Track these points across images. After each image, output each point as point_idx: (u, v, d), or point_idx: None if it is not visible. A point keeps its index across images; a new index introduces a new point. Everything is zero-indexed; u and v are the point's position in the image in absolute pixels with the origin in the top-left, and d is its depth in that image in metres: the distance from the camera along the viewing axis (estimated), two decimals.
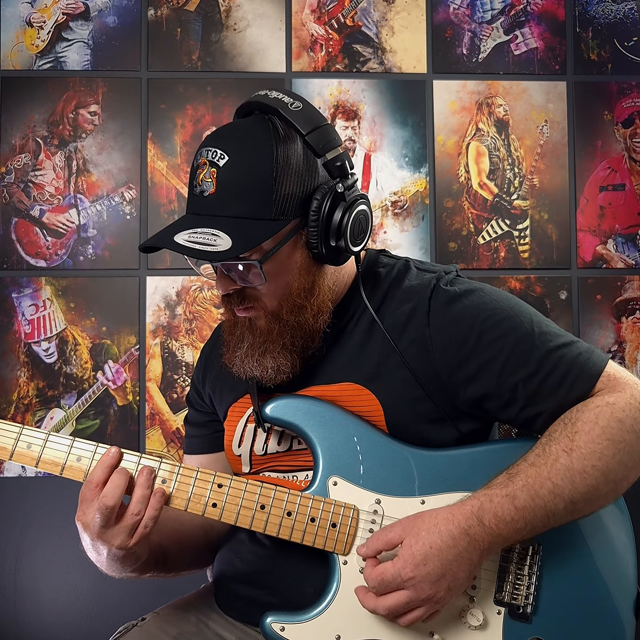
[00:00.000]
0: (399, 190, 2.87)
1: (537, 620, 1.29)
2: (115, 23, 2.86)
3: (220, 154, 1.27)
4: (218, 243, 1.24)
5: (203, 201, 1.29)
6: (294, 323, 1.35)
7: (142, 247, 1.32)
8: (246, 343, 1.36)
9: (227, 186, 1.27)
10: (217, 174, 1.27)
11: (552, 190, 2.90)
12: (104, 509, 1.24)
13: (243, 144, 1.29)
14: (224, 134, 1.33)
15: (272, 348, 1.35)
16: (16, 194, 2.79)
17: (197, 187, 1.29)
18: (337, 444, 1.33)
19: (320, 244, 1.32)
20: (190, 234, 1.26)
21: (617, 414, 1.25)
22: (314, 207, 1.30)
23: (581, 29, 2.95)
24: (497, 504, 1.21)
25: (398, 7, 2.92)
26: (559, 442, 1.25)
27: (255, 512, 1.30)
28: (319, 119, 1.32)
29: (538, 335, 1.33)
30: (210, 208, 1.28)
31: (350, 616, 1.27)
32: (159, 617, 1.47)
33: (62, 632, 2.72)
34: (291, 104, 1.32)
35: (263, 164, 1.27)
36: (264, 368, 1.36)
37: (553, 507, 1.22)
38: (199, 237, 1.25)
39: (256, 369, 1.36)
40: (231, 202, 1.27)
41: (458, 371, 1.34)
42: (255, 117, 1.34)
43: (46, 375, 2.76)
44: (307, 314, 1.35)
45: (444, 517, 1.22)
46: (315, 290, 1.36)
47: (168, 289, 2.80)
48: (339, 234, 1.32)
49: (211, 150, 1.28)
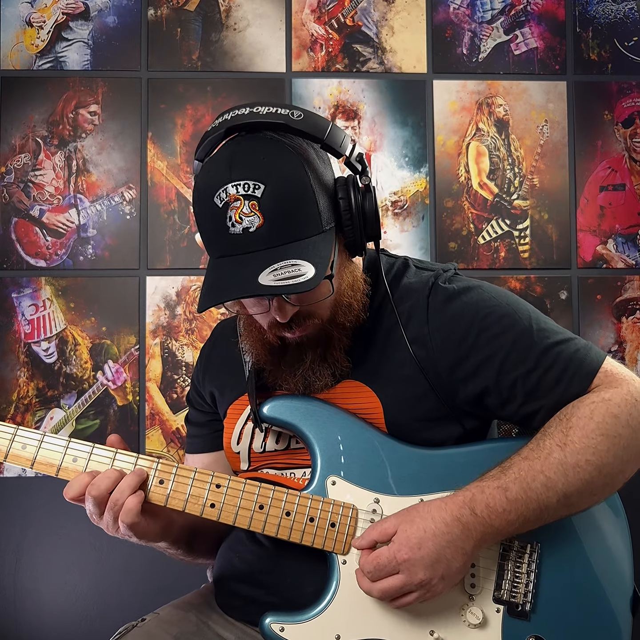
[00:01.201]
0: (399, 190, 2.87)
1: (536, 618, 1.29)
2: (115, 23, 2.86)
3: (255, 185, 1.22)
4: (303, 271, 1.20)
5: (250, 237, 1.22)
6: (348, 323, 1.36)
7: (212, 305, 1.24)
8: (308, 358, 1.36)
9: (276, 214, 1.22)
10: (260, 206, 1.21)
11: (552, 190, 2.90)
12: (89, 498, 1.27)
13: (273, 168, 1.24)
14: (243, 163, 1.25)
15: (333, 353, 1.36)
16: (16, 194, 2.79)
17: (235, 225, 1.22)
18: (335, 444, 1.34)
19: (359, 239, 1.31)
20: (271, 272, 1.20)
21: (612, 409, 1.26)
22: (344, 207, 1.29)
23: (581, 29, 2.94)
24: (489, 495, 1.22)
25: (398, 7, 2.91)
26: (553, 437, 1.26)
27: (254, 513, 1.30)
28: (325, 121, 1.30)
29: (536, 332, 1.33)
30: (264, 241, 1.22)
31: (350, 616, 1.28)
32: (159, 617, 1.47)
33: (62, 632, 2.71)
34: (291, 114, 1.28)
35: (300, 182, 1.24)
36: (323, 376, 1.36)
37: (546, 500, 1.23)
38: (282, 272, 1.20)
39: (319, 379, 1.37)
40: (286, 229, 1.23)
41: (457, 368, 1.35)
42: (254, 137, 1.29)
43: (46, 375, 2.76)
44: (356, 311, 1.36)
45: (437, 506, 1.23)
46: (355, 285, 1.37)
47: (168, 289, 2.80)
48: (373, 223, 1.32)
49: (240, 184, 1.22)
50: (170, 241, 2.80)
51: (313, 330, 1.34)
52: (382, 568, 1.21)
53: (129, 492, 1.27)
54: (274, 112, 1.28)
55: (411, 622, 1.27)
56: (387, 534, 1.23)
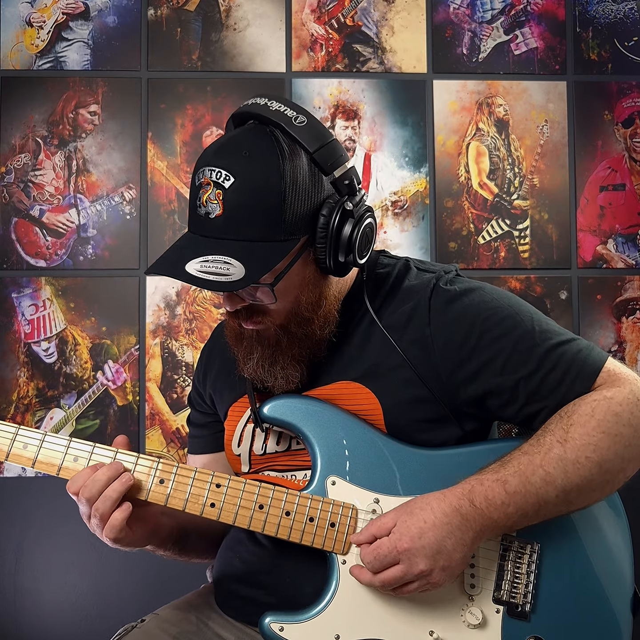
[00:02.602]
0: (399, 190, 2.87)
1: (536, 618, 1.29)
2: (115, 23, 2.86)
3: (226, 175, 1.23)
4: (231, 272, 1.21)
5: (209, 223, 1.25)
6: (302, 335, 1.35)
7: (149, 272, 1.28)
8: (256, 354, 1.36)
9: (235, 209, 1.23)
10: (224, 197, 1.23)
11: (552, 190, 2.90)
12: (82, 500, 1.27)
13: (249, 164, 1.24)
14: (227, 151, 1.27)
15: (281, 359, 1.36)
16: (16, 193, 2.79)
17: (201, 207, 1.25)
18: (335, 444, 1.33)
19: (329, 260, 1.31)
20: (201, 262, 1.22)
21: (614, 407, 1.26)
22: (321, 223, 1.29)
23: (581, 29, 2.95)
24: (488, 487, 1.23)
25: (398, 6, 2.91)
26: (554, 433, 1.26)
27: (254, 512, 1.30)
28: (325, 135, 1.29)
29: (538, 333, 1.33)
30: (218, 231, 1.24)
31: (350, 616, 1.27)
32: (159, 617, 1.47)
33: (62, 632, 2.71)
34: (295, 118, 1.27)
35: (272, 185, 1.24)
36: (274, 377, 1.37)
37: (545, 494, 1.23)
38: (211, 266, 1.22)
39: (268, 379, 1.37)
40: (240, 226, 1.24)
41: (459, 370, 1.34)
42: (257, 130, 1.29)
43: (46, 375, 2.76)
44: (315, 326, 1.35)
45: (436, 497, 1.23)
46: (322, 302, 1.36)
47: (168, 289, 2.80)
48: (348, 250, 1.31)
49: (215, 171, 1.24)
50: (170, 241, 2.79)
51: (265, 329, 1.35)
52: (382, 558, 1.21)
53: (110, 503, 1.26)
54: (282, 111, 1.28)
55: (411, 622, 1.27)
56: (386, 528, 1.23)
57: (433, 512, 1.21)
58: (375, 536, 1.24)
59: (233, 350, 1.42)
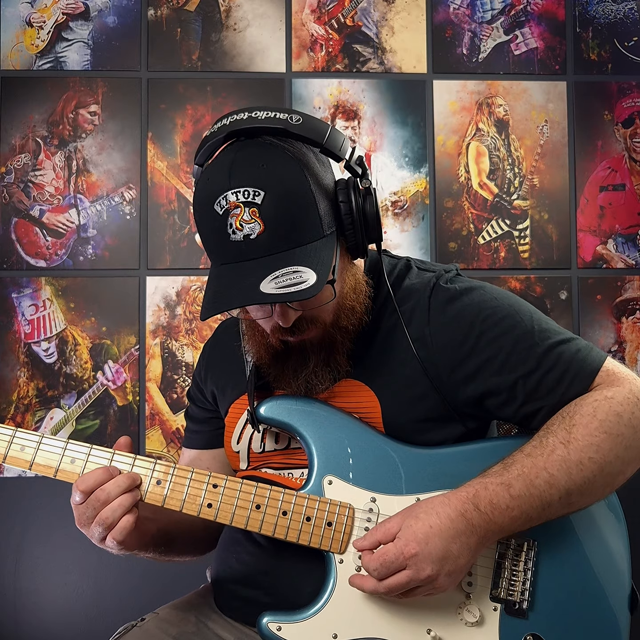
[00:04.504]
0: (399, 190, 2.87)
1: (534, 616, 1.29)
2: (115, 23, 2.86)
3: (254, 192, 1.21)
4: (304, 278, 1.20)
5: (251, 244, 1.22)
6: (351, 326, 1.35)
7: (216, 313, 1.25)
8: (311, 363, 1.35)
9: (276, 221, 1.22)
10: (260, 212, 1.21)
11: (552, 190, 2.90)
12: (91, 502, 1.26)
13: (272, 173, 1.23)
14: (242, 170, 1.24)
15: (336, 357, 1.36)
16: (16, 194, 2.79)
17: (236, 233, 1.22)
18: (332, 444, 1.34)
19: (360, 242, 1.31)
20: (272, 280, 1.20)
21: (615, 407, 1.26)
22: (344, 210, 1.29)
23: (581, 29, 2.94)
24: (492, 491, 1.22)
25: (398, 7, 2.91)
26: (556, 435, 1.25)
27: (251, 512, 1.30)
28: (323, 125, 1.30)
29: (538, 333, 1.33)
30: (266, 248, 1.22)
31: (347, 615, 1.28)
32: (159, 617, 1.48)
33: (62, 632, 2.72)
34: (290, 118, 1.27)
35: (300, 187, 1.24)
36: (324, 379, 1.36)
37: (548, 497, 1.23)
38: (284, 279, 1.20)
39: (322, 382, 1.36)
40: (286, 235, 1.23)
41: (458, 369, 1.35)
42: (255, 142, 1.28)
43: (46, 376, 2.76)
44: (359, 313, 1.36)
45: (440, 501, 1.23)
46: (358, 288, 1.37)
47: (168, 289, 2.80)
48: (375, 226, 1.32)
49: (240, 192, 1.22)
50: (170, 241, 2.80)
51: (316, 334, 1.34)
52: (389, 565, 1.20)
53: (121, 511, 1.26)
54: (273, 116, 1.27)
55: (408, 621, 1.27)
56: (391, 533, 1.23)
57: (439, 516, 1.21)
58: (381, 542, 1.23)
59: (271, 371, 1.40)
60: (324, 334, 1.34)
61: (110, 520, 1.25)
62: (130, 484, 1.28)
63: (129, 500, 1.26)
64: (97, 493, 1.26)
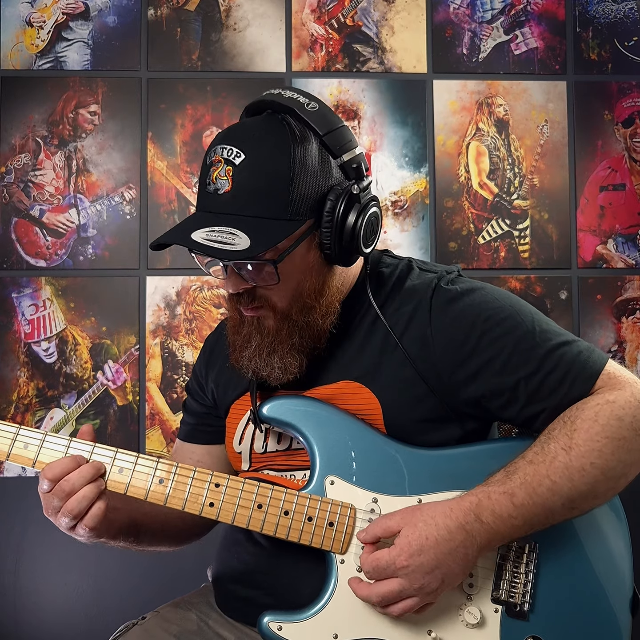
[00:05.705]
0: (399, 190, 2.87)
1: (535, 618, 1.29)
2: (115, 23, 2.86)
3: (237, 152, 1.26)
4: (236, 242, 1.23)
5: (217, 199, 1.27)
6: (303, 323, 1.35)
7: (156, 245, 1.30)
8: (254, 343, 1.36)
9: (244, 185, 1.25)
10: (233, 172, 1.25)
11: (552, 190, 2.90)
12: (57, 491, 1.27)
13: (260, 143, 1.27)
14: (239, 132, 1.30)
15: (280, 348, 1.35)
16: (16, 193, 2.79)
17: (210, 184, 1.27)
18: (334, 444, 1.33)
19: (334, 245, 1.32)
20: (207, 232, 1.24)
21: (616, 411, 1.25)
22: (327, 208, 1.30)
23: (581, 29, 2.94)
24: (495, 501, 1.22)
25: (398, 6, 2.91)
26: (558, 440, 1.25)
27: (253, 512, 1.30)
28: (336, 120, 1.32)
29: (539, 334, 1.33)
30: (226, 207, 1.26)
31: (348, 615, 1.27)
32: (160, 615, 1.48)
33: (62, 632, 2.72)
34: (307, 104, 1.31)
35: (280, 164, 1.26)
36: (271, 367, 1.36)
37: (551, 504, 1.22)
38: (216, 235, 1.24)
39: (264, 368, 1.36)
40: (247, 202, 1.26)
41: (459, 370, 1.34)
42: (269, 117, 1.32)
43: (46, 375, 2.76)
44: (316, 315, 1.35)
45: (442, 511, 1.22)
46: (325, 291, 1.36)
47: (168, 288, 2.80)
48: (353, 236, 1.32)
49: (227, 148, 1.27)
50: None
51: (266, 316, 1.35)
52: (381, 571, 1.21)
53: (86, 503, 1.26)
54: (294, 98, 1.31)
55: (409, 622, 1.26)
56: (391, 531, 1.23)
57: (437, 527, 1.21)
58: (379, 537, 1.24)
59: (229, 340, 1.41)
60: (273, 319, 1.35)
61: (76, 511, 1.25)
62: (94, 473, 1.28)
63: (93, 491, 1.27)
64: (61, 484, 1.26)
